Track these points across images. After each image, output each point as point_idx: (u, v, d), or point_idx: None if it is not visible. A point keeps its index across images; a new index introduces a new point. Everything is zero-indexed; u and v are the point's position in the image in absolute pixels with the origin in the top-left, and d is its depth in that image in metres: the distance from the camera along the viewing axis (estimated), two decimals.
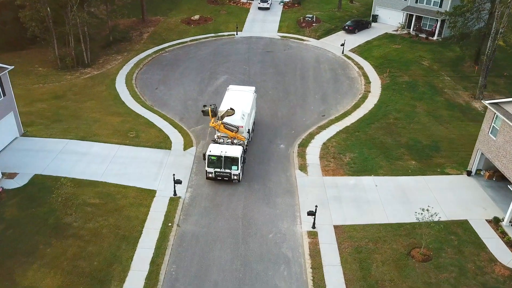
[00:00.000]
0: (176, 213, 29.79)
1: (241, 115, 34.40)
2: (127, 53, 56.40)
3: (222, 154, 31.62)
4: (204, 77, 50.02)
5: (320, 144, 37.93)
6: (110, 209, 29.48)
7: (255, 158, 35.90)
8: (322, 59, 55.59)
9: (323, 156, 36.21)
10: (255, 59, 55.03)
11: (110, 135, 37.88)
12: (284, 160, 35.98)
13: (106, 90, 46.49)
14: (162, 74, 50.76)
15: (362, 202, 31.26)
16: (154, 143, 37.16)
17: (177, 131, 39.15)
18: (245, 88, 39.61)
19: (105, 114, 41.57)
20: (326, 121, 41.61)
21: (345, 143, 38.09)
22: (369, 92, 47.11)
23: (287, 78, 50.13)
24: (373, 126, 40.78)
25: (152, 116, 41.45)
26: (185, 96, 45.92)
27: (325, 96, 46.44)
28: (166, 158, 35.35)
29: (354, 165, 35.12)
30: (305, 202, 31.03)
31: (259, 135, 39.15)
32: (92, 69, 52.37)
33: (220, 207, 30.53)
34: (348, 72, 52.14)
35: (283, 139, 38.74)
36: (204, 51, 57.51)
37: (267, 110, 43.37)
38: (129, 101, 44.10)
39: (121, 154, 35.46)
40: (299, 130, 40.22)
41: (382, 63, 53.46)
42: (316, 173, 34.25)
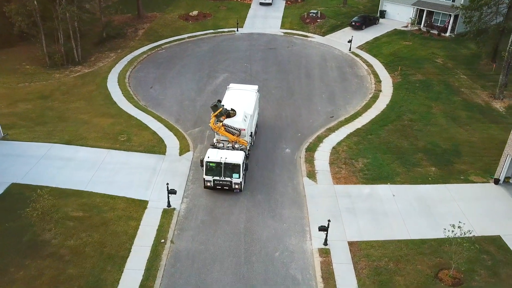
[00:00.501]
0: (169, 227, 26.40)
1: (243, 116, 31.00)
2: (121, 50, 53.02)
3: (222, 161, 28.24)
4: (202, 76, 46.66)
5: (330, 148, 34.55)
6: (95, 223, 26.08)
7: (258, 164, 32.51)
8: (328, 56, 52.22)
9: (333, 162, 32.83)
10: (257, 57, 51.67)
11: (98, 139, 34.49)
12: (291, 166, 32.59)
13: (97, 90, 43.10)
14: (157, 72, 47.39)
15: (379, 214, 27.88)
16: (147, 147, 33.79)
17: (173, 134, 35.77)
18: (247, 86, 36.22)
19: (94, 115, 38.18)
20: (335, 123, 38.22)
21: (357, 147, 34.71)
22: (380, 91, 43.75)
23: (291, 77, 46.76)
24: (386, 128, 37.40)
25: (146, 117, 38.06)
26: (181, 96, 42.54)
27: (332, 96, 43.07)
28: (160, 164, 31.97)
29: (368, 172, 31.73)
30: (315, 215, 27.65)
31: (262, 138, 35.78)
32: (83, 67, 48.97)
33: (219, 221, 27.13)
34: (356, 70, 48.78)
35: (288, 143, 35.36)
36: (202, 48, 54.15)
37: (271, 111, 39.99)
38: (121, 101, 40.71)
39: (110, 160, 32.07)
40: (305, 132, 36.85)
41: (392, 61, 50.12)
42: (326, 181, 30.87)
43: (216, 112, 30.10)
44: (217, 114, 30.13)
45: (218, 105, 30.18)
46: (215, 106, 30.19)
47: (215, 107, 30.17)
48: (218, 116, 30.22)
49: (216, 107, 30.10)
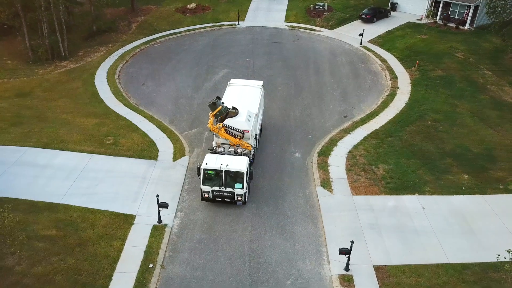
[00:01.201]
0: (160, 248, 22.09)
1: (246, 116, 26.66)
2: (112, 44, 48.66)
3: (223, 168, 23.90)
4: (200, 72, 42.32)
5: (345, 152, 30.22)
6: (70, 244, 21.75)
7: (264, 171, 28.19)
8: (337, 51, 47.88)
9: (350, 168, 28.51)
10: (260, 51, 47.32)
11: (81, 142, 30.17)
12: (301, 173, 28.27)
13: (83, 86, 38.74)
14: (151, 68, 43.04)
15: (408, 232, 23.56)
16: (136, 152, 29.46)
17: (166, 136, 31.43)
18: (251, 82, 31.90)
19: (78, 115, 33.82)
20: (349, 123, 33.90)
21: (376, 151, 30.39)
22: (397, 88, 39.43)
23: (299, 72, 42.43)
24: (407, 129, 33.07)
25: (136, 117, 33.72)
26: (177, 93, 38.20)
27: (345, 93, 38.74)
28: (150, 171, 27.65)
29: (391, 180, 27.42)
30: (332, 232, 23.35)
31: (268, 141, 31.46)
32: (70, 62, 44.60)
33: (219, 240, 22.80)
34: (369, 66, 44.45)
35: (298, 146, 31.04)
36: (200, 42, 49.80)
37: (277, 110, 35.65)
38: (109, 99, 36.35)
39: (92, 167, 27.74)
40: (317, 134, 32.53)
41: (408, 55, 45.79)
42: (343, 191, 26.55)
43: (215, 111, 25.76)
44: (216, 113, 25.80)
45: (217, 102, 25.84)
46: (213, 103, 25.85)
47: (213, 105, 25.84)
48: (218, 115, 25.89)
49: (214, 105, 25.77)
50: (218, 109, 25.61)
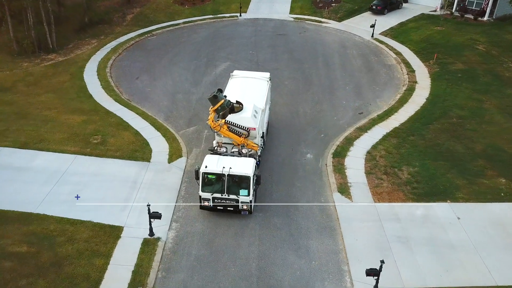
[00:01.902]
0: (151, 267, 18.62)
1: (252, 111, 23.16)
2: (104, 37, 45.11)
3: (225, 172, 20.40)
4: (199, 65, 38.81)
5: (363, 153, 26.75)
6: (43, 262, 18.28)
7: (272, 175, 24.72)
8: (348, 43, 44.35)
9: (370, 171, 25.02)
10: (264, 43, 43.81)
11: (64, 141, 26.69)
12: (315, 177, 24.78)
13: (70, 80, 35.21)
14: (145, 61, 39.51)
15: (443, 246, 20.09)
16: (126, 152, 25.98)
17: (161, 134, 27.95)
18: (256, 74, 28.40)
19: (63, 111, 30.33)
20: (365, 120, 30.41)
21: (398, 151, 26.92)
22: (415, 82, 35.93)
23: (307, 66, 38.92)
24: (431, 127, 29.59)
25: (128, 113, 30.24)
26: (174, 87, 34.69)
27: (359, 88, 35.24)
28: (142, 174, 24.18)
29: (418, 185, 23.94)
30: (354, 247, 19.88)
31: (276, 140, 27.99)
32: (58, 55, 41.04)
33: (221, 257, 19.33)
34: (383, 59, 40.93)
35: (310, 147, 27.55)
36: (200, 34, 46.26)
37: (284, 106, 32.15)
38: (99, 94, 32.84)
39: (76, 170, 24.26)
40: (330, 133, 29.05)
41: (424, 48, 42.28)
42: (364, 197, 23.08)
43: (217, 105, 22.24)
44: (218, 108, 22.27)
45: (218, 95, 22.31)
46: (214, 97, 22.32)
47: (214, 99, 22.32)
48: (219, 110, 22.37)
49: (216, 99, 22.26)
50: (219, 103, 22.10)
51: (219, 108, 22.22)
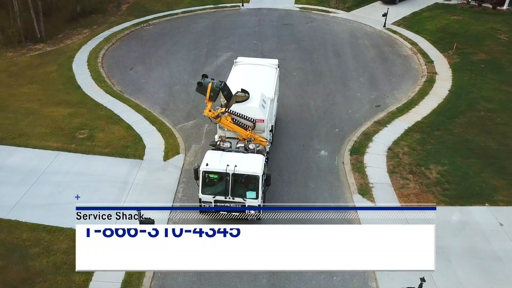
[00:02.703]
0: (141, 284, 15.54)
1: (260, 101, 20.09)
2: (97, 26, 42.02)
3: (230, 170, 17.32)
4: (199, 55, 35.72)
5: (384, 149, 23.69)
6: (12, 279, 15.27)
7: (282, 174, 21.67)
8: (358, 33, 41.29)
9: (394, 170, 21.95)
10: (269, 33, 40.75)
11: (45, 136, 23.62)
12: (331, 177, 21.72)
13: (57, 71, 32.12)
14: (141, 51, 36.43)
15: (487, 258, 17.04)
16: (116, 149, 22.91)
17: (156, 129, 24.89)
18: (263, 61, 25.36)
19: (47, 103, 27.26)
20: (384, 114, 27.37)
21: (423, 147, 23.86)
22: (435, 73, 32.87)
23: (316, 56, 35.84)
24: (457, 121, 26.54)
25: (119, 106, 27.18)
26: (171, 78, 31.61)
27: (373, 79, 32.17)
28: (134, 173, 21.12)
29: (450, 186, 20.89)
30: None
31: (285, 135, 24.93)
32: (46, 44, 37.96)
33: (225, 272, 16.22)
34: (398, 49, 37.87)
35: (323, 142, 24.49)
36: (200, 24, 43.18)
37: (293, 99, 29.09)
38: (88, 85, 29.76)
39: (57, 168, 21.20)
40: (346, 127, 25.99)
41: (441, 38, 39.20)
42: (388, 199, 20.03)
43: (207, 92, 18.58)
44: (210, 94, 18.64)
45: (203, 81, 18.35)
46: (199, 84, 18.26)
47: (200, 86, 18.27)
48: (213, 97, 18.77)
49: (201, 86, 18.28)
50: (208, 88, 18.44)
51: (211, 94, 18.68)
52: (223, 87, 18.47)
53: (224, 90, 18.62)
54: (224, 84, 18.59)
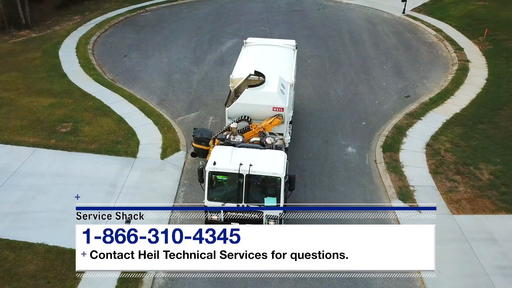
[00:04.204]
0: None
1: (278, 85, 16.42)
2: (89, 13, 38.31)
3: (244, 171, 13.61)
4: (201, 42, 32.04)
5: (422, 145, 20.03)
6: None
7: (304, 175, 17.99)
8: (376, 20, 37.65)
9: (437, 170, 18.28)
10: (278, 20, 37.12)
11: (21, 129, 19.95)
12: (362, 178, 18.04)
13: (41, 58, 28.42)
14: (136, 37, 32.74)
15: None
16: (104, 144, 19.23)
17: (152, 122, 21.20)
18: (278, 41, 21.73)
19: (26, 93, 23.57)
20: (415, 105, 23.71)
21: (468, 143, 20.21)
22: (467, 61, 29.22)
23: (332, 43, 32.18)
24: (502, 113, 22.89)
25: (110, 96, 23.50)
26: (170, 66, 27.92)
27: (398, 67, 28.52)
28: (125, 174, 17.43)
29: (508, 189, 17.24)
30: (437, 283, 13.11)
31: (303, 130, 21.27)
32: (32, 31, 34.22)
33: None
34: (421, 36, 34.21)
35: (350, 138, 20.81)
36: (202, 10, 39.51)
37: (311, 88, 25.43)
38: (75, 73, 26.07)
39: (32, 168, 17.53)
40: (373, 120, 22.33)
41: (468, 24, 35.56)
42: (436, 206, 16.30)
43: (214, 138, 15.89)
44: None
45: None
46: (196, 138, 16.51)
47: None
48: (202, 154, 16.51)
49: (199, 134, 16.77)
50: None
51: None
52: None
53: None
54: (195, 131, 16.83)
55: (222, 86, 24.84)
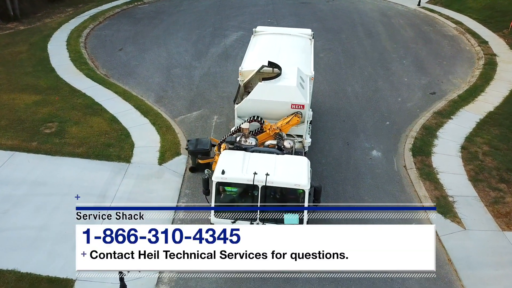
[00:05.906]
0: None
1: (297, 78, 13.93)
2: (83, 5, 35.81)
3: (259, 181, 11.13)
4: (203, 34, 29.55)
5: (457, 148, 17.58)
6: None
7: (325, 184, 15.46)
8: (390, 12, 35.21)
9: (478, 178, 15.82)
10: (285, 12, 34.68)
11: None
12: (392, 187, 15.57)
13: (28, 51, 25.93)
14: (133, 30, 30.25)
15: None
16: (94, 148, 16.74)
17: (149, 121, 18.71)
18: (292, 30, 19.34)
19: (8, 89, 21.09)
20: (443, 102, 21.26)
21: (509, 146, 17.81)
22: (494, 55, 26.79)
23: (345, 36, 29.73)
24: None
25: (103, 92, 21.01)
26: (169, 60, 25.42)
27: (419, 62, 26.06)
28: (117, 183, 14.96)
29: None
30: None
31: (320, 130, 18.81)
32: (20, 23, 31.75)
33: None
34: (440, 29, 31.77)
35: (373, 139, 18.34)
36: (203, 2, 37.03)
37: (325, 84, 22.97)
38: (64, 68, 23.58)
39: (8, 175, 15.08)
40: (398, 120, 19.87)
41: (490, 16, 33.14)
42: (481, 220, 13.96)
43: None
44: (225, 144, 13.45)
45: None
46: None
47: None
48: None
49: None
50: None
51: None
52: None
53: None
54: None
55: (227, 82, 22.42)
